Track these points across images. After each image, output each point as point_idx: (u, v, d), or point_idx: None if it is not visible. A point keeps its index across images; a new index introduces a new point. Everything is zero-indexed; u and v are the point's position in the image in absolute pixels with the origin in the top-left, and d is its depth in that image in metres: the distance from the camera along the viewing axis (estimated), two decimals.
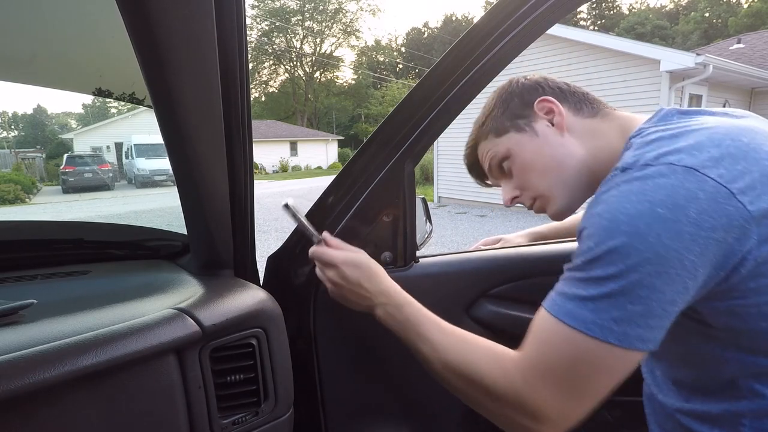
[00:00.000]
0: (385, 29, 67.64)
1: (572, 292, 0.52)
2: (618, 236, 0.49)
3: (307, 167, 26.68)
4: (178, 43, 0.46)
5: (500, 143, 0.73)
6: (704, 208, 0.47)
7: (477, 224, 7.94)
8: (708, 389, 0.59)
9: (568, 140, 0.68)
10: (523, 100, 0.71)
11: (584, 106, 0.70)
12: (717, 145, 0.50)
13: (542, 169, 0.70)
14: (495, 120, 0.73)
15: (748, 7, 33.05)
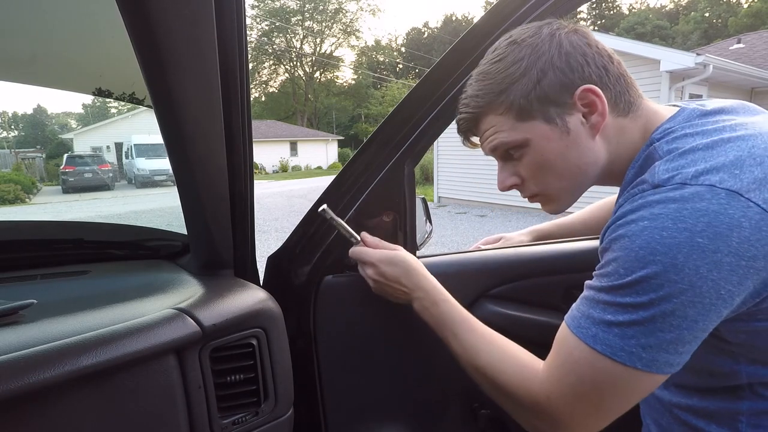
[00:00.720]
0: (385, 29, 67.79)
1: (598, 315, 0.51)
2: (652, 266, 0.46)
3: (307, 167, 26.69)
4: (178, 43, 0.46)
5: (520, 129, 0.59)
6: (747, 237, 0.44)
7: (477, 224, 7.93)
8: (709, 391, 0.60)
9: (598, 144, 0.59)
10: (564, 80, 0.56)
11: (622, 100, 0.59)
12: (759, 163, 0.47)
13: (560, 172, 0.61)
14: (522, 96, 0.58)
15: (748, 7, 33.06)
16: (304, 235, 0.84)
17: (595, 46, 0.58)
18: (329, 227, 0.81)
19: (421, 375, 0.91)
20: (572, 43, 0.57)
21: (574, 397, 0.52)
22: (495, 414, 0.93)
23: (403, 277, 0.72)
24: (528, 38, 0.58)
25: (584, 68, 0.57)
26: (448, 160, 10.48)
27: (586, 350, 0.51)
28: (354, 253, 0.77)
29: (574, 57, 0.57)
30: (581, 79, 0.57)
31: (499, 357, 0.61)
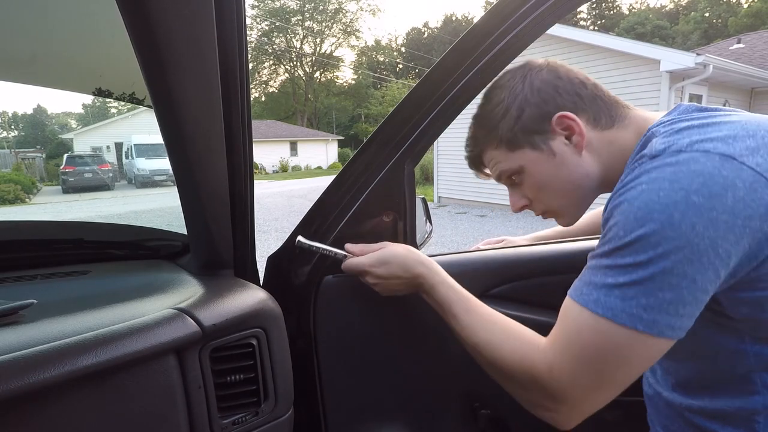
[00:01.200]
0: (385, 29, 67.72)
1: (599, 280, 0.51)
2: (649, 224, 0.48)
3: (307, 167, 26.69)
4: (178, 43, 0.46)
5: (513, 158, 0.68)
6: (741, 197, 0.46)
7: (477, 224, 7.94)
8: (717, 385, 0.58)
9: (586, 159, 0.65)
10: (540, 112, 0.65)
11: (602, 116, 0.65)
12: (752, 135, 0.50)
13: (557, 190, 0.68)
14: (508, 130, 0.67)
15: (748, 7, 33.06)
16: (304, 234, 0.84)
17: (566, 77, 0.66)
18: (334, 219, 0.81)
19: (421, 375, 0.91)
20: (543, 80, 0.65)
21: (576, 365, 0.52)
22: (495, 414, 0.93)
23: (398, 271, 0.72)
24: (505, 82, 0.69)
25: (556, 99, 0.64)
26: (448, 160, 10.48)
27: (588, 315, 0.51)
28: (347, 268, 0.77)
29: (546, 91, 0.65)
30: (555, 108, 0.64)
31: (499, 334, 0.62)
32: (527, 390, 0.58)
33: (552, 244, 0.98)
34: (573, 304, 0.54)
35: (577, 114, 0.64)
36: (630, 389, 0.60)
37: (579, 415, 0.55)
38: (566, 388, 0.53)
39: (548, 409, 0.56)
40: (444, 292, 0.69)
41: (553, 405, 0.55)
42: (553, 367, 0.54)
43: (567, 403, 0.54)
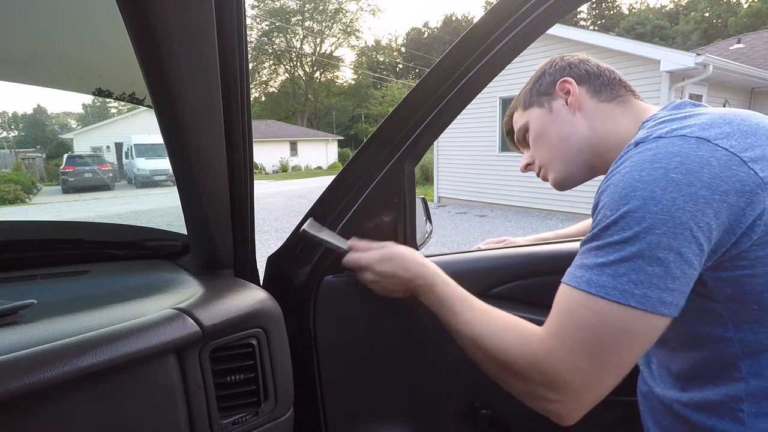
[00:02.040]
0: (385, 29, 67.70)
1: (591, 261, 0.53)
2: (633, 200, 0.50)
3: (307, 167, 26.69)
4: (178, 43, 0.46)
5: (525, 115, 0.81)
6: (717, 173, 0.49)
7: (477, 224, 7.93)
8: (705, 375, 0.59)
9: (578, 119, 0.74)
10: (552, 79, 0.77)
11: (604, 90, 0.74)
12: (728, 122, 0.53)
13: (548, 142, 0.77)
14: (527, 94, 0.81)
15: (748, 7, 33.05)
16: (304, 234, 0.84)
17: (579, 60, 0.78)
18: (334, 219, 0.81)
19: (422, 375, 0.91)
20: (565, 61, 0.78)
21: (573, 346, 0.52)
22: (495, 414, 0.93)
23: (399, 270, 0.73)
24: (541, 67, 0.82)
25: (565, 71, 0.77)
26: (448, 160, 10.48)
27: (581, 296, 0.53)
28: (347, 262, 0.78)
29: (560, 67, 0.78)
30: (562, 76, 0.76)
31: (499, 326, 0.62)
32: (528, 380, 0.57)
33: (552, 244, 0.98)
34: (566, 288, 0.55)
35: (579, 84, 0.74)
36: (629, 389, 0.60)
37: (582, 405, 0.54)
38: (566, 373, 0.53)
39: (550, 401, 0.55)
40: (444, 290, 0.70)
41: (555, 395, 0.54)
42: (551, 351, 0.54)
43: (568, 391, 0.53)
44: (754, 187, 0.49)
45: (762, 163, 0.50)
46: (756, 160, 0.50)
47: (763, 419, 0.54)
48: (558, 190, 0.82)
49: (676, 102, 0.65)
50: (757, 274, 0.51)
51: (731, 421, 0.56)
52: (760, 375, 0.54)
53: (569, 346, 0.53)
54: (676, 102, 0.65)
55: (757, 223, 0.49)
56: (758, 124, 0.54)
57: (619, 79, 0.75)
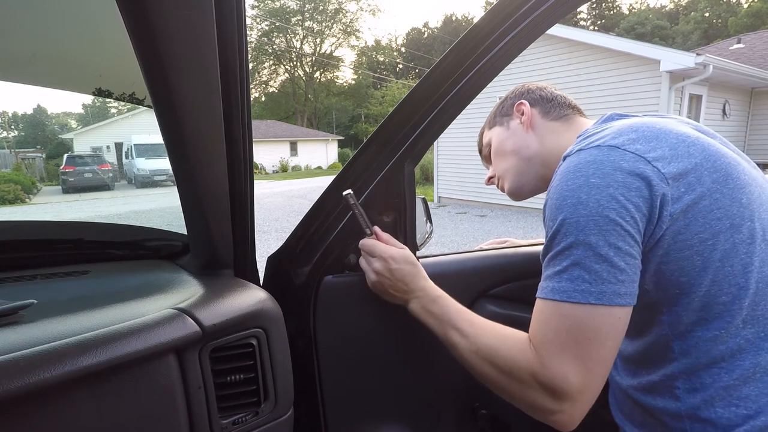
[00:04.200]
0: (385, 29, 67.66)
1: (550, 271, 0.59)
2: (565, 208, 0.57)
3: (307, 167, 26.69)
4: (178, 43, 0.46)
5: (489, 134, 0.93)
6: (628, 173, 0.56)
7: (477, 224, 7.93)
8: (649, 359, 0.65)
9: (530, 136, 0.85)
10: (511, 102, 0.89)
11: (553, 111, 0.85)
12: (634, 130, 0.61)
13: (504, 154, 0.88)
14: (492, 116, 0.94)
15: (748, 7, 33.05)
16: (304, 235, 0.84)
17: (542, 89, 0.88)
18: (334, 219, 0.81)
19: (421, 375, 0.91)
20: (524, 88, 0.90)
21: (557, 352, 0.57)
22: (495, 414, 0.93)
23: (409, 276, 0.75)
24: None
25: (523, 95, 0.89)
26: (448, 160, 10.48)
27: (550, 304, 0.58)
28: (365, 246, 0.79)
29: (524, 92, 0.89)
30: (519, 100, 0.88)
31: (497, 337, 0.66)
32: (530, 389, 0.60)
33: None
34: (539, 301, 0.61)
35: (533, 105, 0.86)
36: None
37: (581, 409, 0.58)
38: (559, 379, 0.56)
39: (552, 411, 0.58)
40: (446, 305, 0.73)
41: (556, 404, 0.57)
42: (543, 360, 0.58)
43: (566, 397, 0.56)
44: (659, 181, 0.55)
45: (663, 161, 0.57)
46: (658, 159, 0.57)
47: (694, 394, 0.60)
48: (513, 199, 0.92)
49: (605, 116, 0.73)
50: (671, 260, 0.57)
51: (670, 398, 0.62)
52: (688, 353, 0.60)
53: (554, 353, 0.57)
54: (606, 115, 0.73)
55: (664, 214, 0.56)
56: (661, 129, 0.61)
57: (569, 102, 0.86)
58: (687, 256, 0.57)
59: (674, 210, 0.56)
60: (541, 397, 0.58)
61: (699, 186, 0.56)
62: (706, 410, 0.58)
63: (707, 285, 0.57)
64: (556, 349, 0.57)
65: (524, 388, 0.60)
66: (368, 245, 0.79)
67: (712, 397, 0.58)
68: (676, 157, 0.57)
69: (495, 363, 0.64)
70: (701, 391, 0.59)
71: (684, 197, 0.56)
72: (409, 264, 0.76)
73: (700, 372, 0.59)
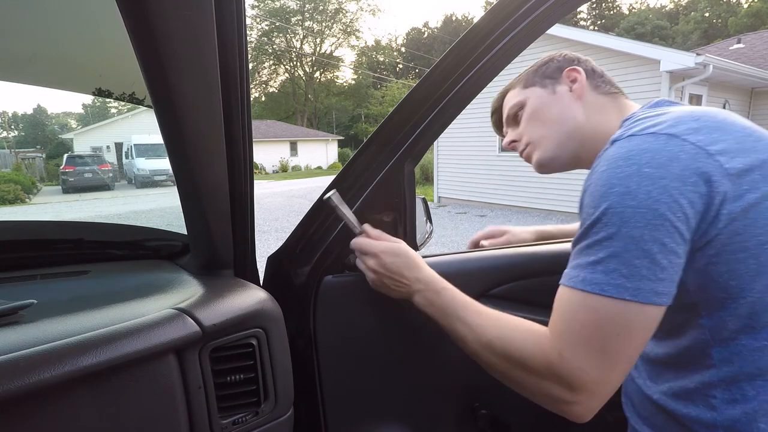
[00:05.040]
0: (385, 29, 67.65)
1: (582, 260, 0.55)
2: (611, 197, 0.53)
3: (307, 167, 26.69)
4: (178, 43, 0.46)
5: (523, 93, 0.82)
6: (686, 165, 0.52)
7: (477, 224, 7.93)
8: (681, 364, 0.61)
9: (577, 106, 0.76)
10: (559, 66, 0.80)
11: (602, 86, 0.78)
12: (696, 119, 0.56)
13: (544, 120, 0.78)
14: (530, 74, 0.83)
15: (748, 7, 33.05)
16: (304, 235, 0.84)
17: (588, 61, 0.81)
18: (334, 219, 0.81)
19: (422, 375, 0.91)
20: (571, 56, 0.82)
21: (581, 345, 0.54)
22: (495, 414, 0.93)
23: (405, 268, 0.73)
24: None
25: (574, 62, 0.80)
26: (448, 160, 10.47)
27: (579, 295, 0.54)
28: (356, 244, 0.77)
29: (572, 59, 0.81)
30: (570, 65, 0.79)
31: (509, 328, 0.63)
32: (544, 380, 0.57)
33: (552, 245, 0.98)
34: (565, 289, 0.57)
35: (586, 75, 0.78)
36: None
37: (598, 401, 0.55)
38: (580, 373, 0.54)
39: (568, 403, 0.56)
40: (450, 297, 0.70)
41: (573, 396, 0.55)
42: (563, 353, 0.55)
43: (585, 390, 0.54)
44: (720, 177, 0.51)
45: (726, 155, 0.52)
46: (721, 153, 0.52)
47: (734, 405, 0.56)
48: (539, 171, 0.83)
49: (654, 101, 0.68)
50: (722, 261, 0.53)
51: (705, 407, 0.58)
52: (730, 362, 0.56)
53: (577, 345, 0.54)
54: (654, 101, 0.68)
55: (722, 212, 0.52)
56: (724, 120, 0.57)
57: (612, 81, 0.81)
58: (741, 258, 0.53)
59: (734, 209, 0.52)
60: (557, 389, 0.56)
61: (764, 185, 0.52)
62: (747, 424, 0.55)
63: (759, 291, 0.53)
64: (579, 342, 0.54)
65: (538, 379, 0.58)
66: (359, 244, 0.77)
67: (755, 410, 0.55)
68: (741, 152, 0.53)
69: (506, 355, 0.61)
70: (742, 403, 0.55)
71: (746, 196, 0.52)
72: (404, 255, 0.73)
73: (742, 383, 0.55)
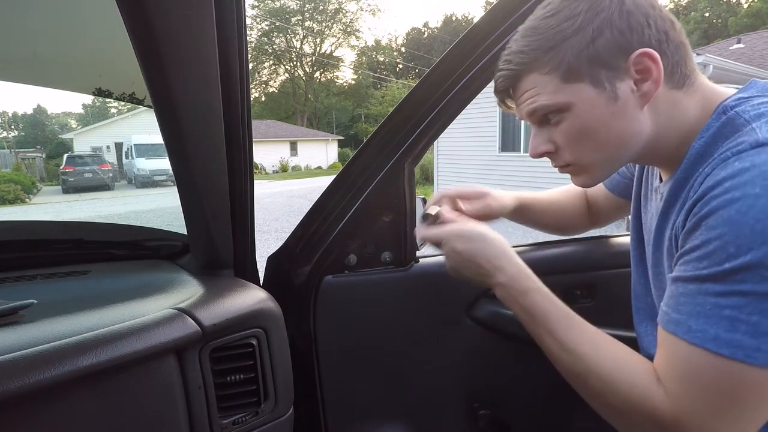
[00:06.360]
0: (385, 29, 67.62)
1: (714, 312, 0.43)
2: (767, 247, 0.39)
3: (307, 167, 26.69)
4: (178, 43, 0.46)
5: (565, 91, 0.53)
6: None
7: None
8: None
9: (645, 115, 0.53)
10: (622, 40, 0.50)
11: (678, 71, 0.53)
12: None
13: (600, 142, 0.55)
14: (573, 55, 0.51)
15: (748, 7, 33.06)
16: (304, 235, 0.84)
17: (659, 8, 0.52)
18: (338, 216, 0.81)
19: (421, 375, 0.91)
20: (636, 2, 0.50)
21: (705, 413, 0.44)
22: (495, 414, 0.93)
23: (480, 255, 0.62)
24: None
25: (644, 30, 0.50)
26: (448, 160, 10.48)
27: (708, 357, 0.43)
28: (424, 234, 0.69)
29: (636, 17, 0.50)
30: (639, 42, 0.50)
31: (611, 364, 0.52)
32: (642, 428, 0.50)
33: (552, 244, 0.98)
34: (681, 343, 0.45)
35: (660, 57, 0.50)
36: None
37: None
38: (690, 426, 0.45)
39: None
40: (540, 302, 0.58)
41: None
42: (680, 417, 0.45)
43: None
44: None
45: None
46: None
47: None
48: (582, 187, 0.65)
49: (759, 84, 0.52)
50: None
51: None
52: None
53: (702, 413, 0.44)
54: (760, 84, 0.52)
55: None
56: None
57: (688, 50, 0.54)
58: None
59: None
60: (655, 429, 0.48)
61: None
62: None
63: None
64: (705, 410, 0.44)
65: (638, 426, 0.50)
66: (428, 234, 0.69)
67: None
68: None
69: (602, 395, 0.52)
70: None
71: None
72: (479, 239, 0.63)
73: None
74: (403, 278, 0.80)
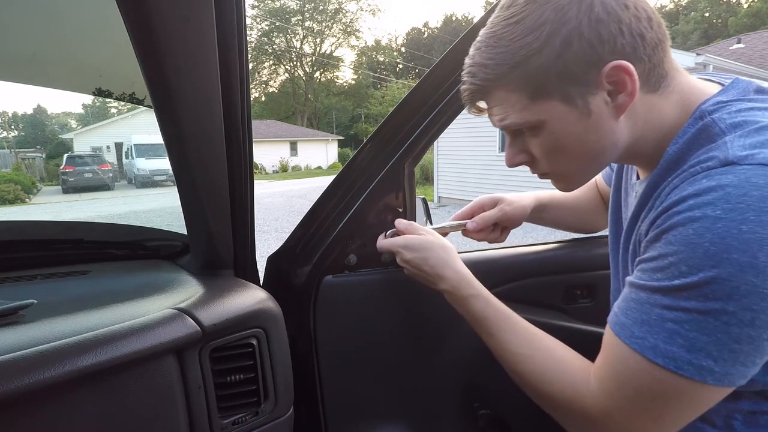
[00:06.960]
0: (385, 29, 67.72)
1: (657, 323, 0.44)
2: (726, 265, 0.39)
3: (307, 167, 26.69)
4: (178, 43, 0.46)
5: (534, 109, 0.51)
6: None
7: None
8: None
9: (621, 125, 0.51)
10: (592, 53, 0.46)
11: (655, 74, 0.50)
12: None
13: (576, 154, 0.54)
14: (540, 72, 0.48)
15: (748, 7, 33.06)
16: (304, 235, 0.84)
17: (633, 7, 0.47)
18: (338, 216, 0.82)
19: (421, 375, 0.91)
20: (606, 7, 0.46)
21: (632, 411, 0.47)
22: (495, 414, 0.93)
23: (424, 264, 0.69)
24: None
25: (617, 40, 0.46)
26: (448, 160, 10.48)
27: (643, 363, 0.45)
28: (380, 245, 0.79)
29: (607, 26, 0.46)
30: (611, 53, 0.46)
31: (545, 364, 0.56)
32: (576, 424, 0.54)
33: (552, 244, 0.98)
34: (622, 346, 0.47)
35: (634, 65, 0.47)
36: None
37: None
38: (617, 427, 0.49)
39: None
40: (480, 307, 0.63)
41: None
42: (608, 412, 0.49)
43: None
44: None
45: None
46: None
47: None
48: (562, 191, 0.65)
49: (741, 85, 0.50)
50: None
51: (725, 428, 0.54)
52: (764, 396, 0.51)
53: (628, 412, 0.47)
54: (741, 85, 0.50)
55: None
56: None
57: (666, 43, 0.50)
58: None
59: None
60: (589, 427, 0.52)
61: None
62: None
63: None
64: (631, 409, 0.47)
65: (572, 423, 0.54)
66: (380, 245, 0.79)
67: None
68: None
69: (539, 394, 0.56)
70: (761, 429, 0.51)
71: None
72: (422, 250, 0.69)
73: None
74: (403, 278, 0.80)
